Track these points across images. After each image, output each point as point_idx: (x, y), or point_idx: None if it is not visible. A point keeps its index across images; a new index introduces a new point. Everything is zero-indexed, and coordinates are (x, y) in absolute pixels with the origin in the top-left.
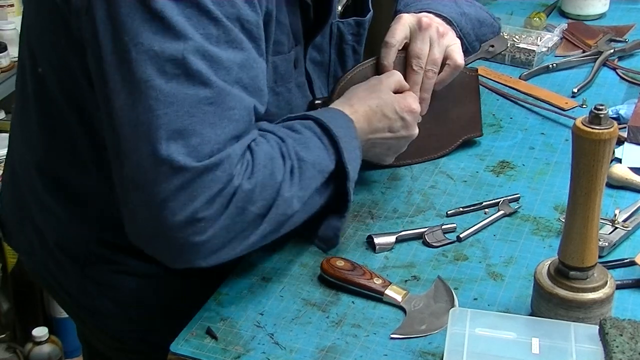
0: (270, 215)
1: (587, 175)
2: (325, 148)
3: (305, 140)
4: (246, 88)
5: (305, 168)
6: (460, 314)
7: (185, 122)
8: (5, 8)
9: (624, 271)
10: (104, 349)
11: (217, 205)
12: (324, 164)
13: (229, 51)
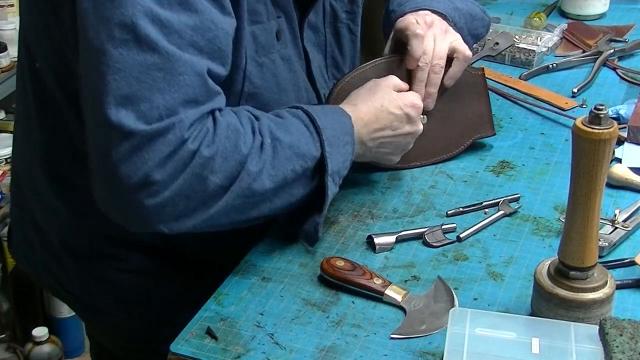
0: (234, 188)
1: (587, 175)
2: (311, 135)
3: (286, 123)
4: (201, 50)
5: (280, 147)
6: (460, 314)
7: (134, 88)
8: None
9: (624, 271)
10: (110, 346)
11: (169, 168)
12: (305, 148)
13: (181, 14)
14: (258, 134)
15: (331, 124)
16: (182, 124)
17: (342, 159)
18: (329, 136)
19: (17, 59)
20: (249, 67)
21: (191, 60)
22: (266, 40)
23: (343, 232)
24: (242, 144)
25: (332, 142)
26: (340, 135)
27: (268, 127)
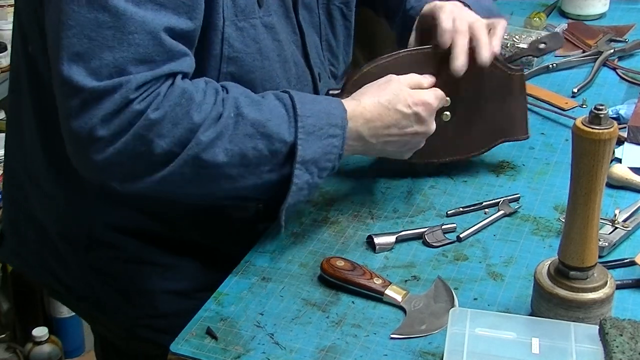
0: (183, 155)
1: (587, 175)
2: (288, 120)
3: (263, 102)
4: (163, 5)
5: (242, 123)
6: (460, 314)
7: (85, 45)
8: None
9: (624, 271)
10: (114, 338)
11: (114, 126)
12: (274, 130)
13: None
14: (219, 105)
15: (316, 113)
16: (129, 84)
17: (322, 150)
18: (308, 124)
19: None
20: (228, 29)
21: (144, 18)
22: (246, 4)
23: (343, 232)
24: (195, 112)
25: (310, 131)
26: (325, 126)
27: (235, 101)
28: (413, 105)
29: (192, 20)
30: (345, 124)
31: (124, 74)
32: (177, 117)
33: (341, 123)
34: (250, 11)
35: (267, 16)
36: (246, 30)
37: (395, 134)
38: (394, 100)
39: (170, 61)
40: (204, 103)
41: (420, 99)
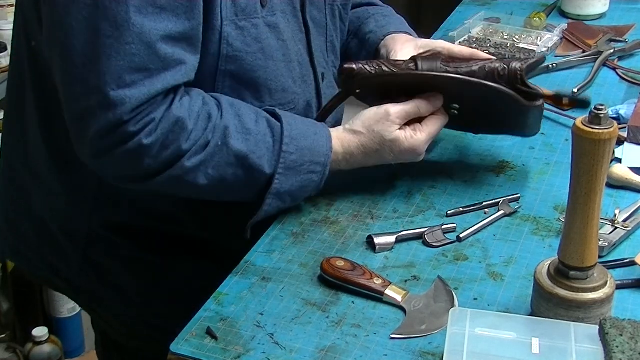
0: (167, 174)
1: (587, 175)
2: (272, 152)
3: (251, 132)
4: (163, 8)
5: (227, 153)
6: (460, 314)
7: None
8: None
9: (624, 271)
10: (115, 335)
11: (107, 141)
12: (256, 162)
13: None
14: (209, 133)
15: (301, 150)
16: (124, 106)
17: (300, 184)
18: (290, 160)
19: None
20: (227, 29)
21: (142, 29)
22: (247, 4)
23: (343, 232)
24: (184, 141)
25: (290, 167)
26: (306, 163)
27: (224, 130)
28: (399, 154)
29: (191, 21)
30: (327, 161)
31: (118, 85)
32: (167, 142)
33: (324, 161)
34: (252, 11)
35: (270, 16)
36: (247, 29)
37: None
38: (380, 150)
39: (165, 71)
40: (194, 130)
41: (407, 149)
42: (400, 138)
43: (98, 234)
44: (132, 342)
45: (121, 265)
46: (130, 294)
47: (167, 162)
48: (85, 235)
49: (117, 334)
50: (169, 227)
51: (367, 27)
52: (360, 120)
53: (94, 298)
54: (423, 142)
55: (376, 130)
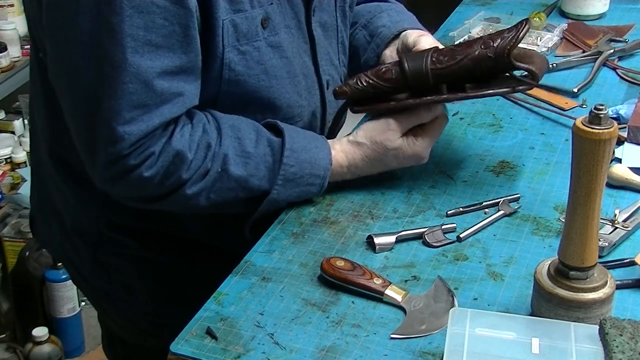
0: (168, 200)
1: (587, 175)
2: (271, 171)
3: (250, 156)
4: (158, 46)
5: (227, 179)
6: (460, 314)
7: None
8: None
9: (624, 271)
10: (121, 332)
11: (110, 173)
12: (256, 184)
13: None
14: (208, 162)
15: (301, 163)
16: (124, 142)
17: (297, 195)
18: (289, 172)
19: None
20: (229, 54)
21: (138, 69)
22: (248, 29)
23: (343, 232)
24: (184, 171)
25: (290, 178)
26: (306, 176)
27: (224, 158)
28: (403, 160)
29: (188, 54)
30: (327, 174)
31: (117, 122)
32: (168, 173)
33: (323, 174)
34: (254, 34)
35: (272, 36)
36: (249, 53)
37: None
38: (384, 159)
39: (163, 105)
40: (194, 160)
41: (411, 155)
42: (403, 146)
43: (106, 234)
44: (138, 339)
45: (129, 265)
46: (137, 293)
47: (169, 190)
48: (94, 235)
49: (122, 331)
50: (174, 231)
51: (379, 21)
52: (362, 131)
53: (103, 295)
54: (425, 147)
55: (379, 141)
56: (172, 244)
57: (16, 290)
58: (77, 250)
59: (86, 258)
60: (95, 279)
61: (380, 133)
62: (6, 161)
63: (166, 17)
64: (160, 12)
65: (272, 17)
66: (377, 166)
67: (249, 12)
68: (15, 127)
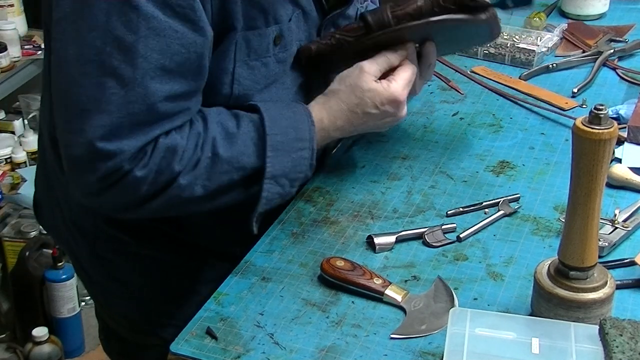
0: (164, 195)
1: (587, 175)
2: (257, 145)
3: (236, 136)
4: (171, 71)
5: (219, 162)
6: (460, 314)
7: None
8: (5, 8)
9: (624, 271)
10: (117, 327)
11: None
12: (247, 161)
13: (149, 39)
14: (199, 150)
15: (284, 130)
16: (123, 154)
17: (292, 164)
18: (276, 141)
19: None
20: (239, 69)
21: (146, 90)
22: (259, 45)
23: (343, 232)
24: (176, 163)
25: (278, 147)
26: (293, 142)
27: (212, 142)
28: (380, 105)
29: (197, 81)
30: (312, 136)
31: (117, 137)
32: (161, 168)
33: (308, 136)
34: (264, 50)
35: (282, 52)
36: (257, 68)
37: (366, 128)
38: (361, 103)
39: (163, 122)
40: (185, 151)
41: (388, 98)
42: (378, 88)
43: (104, 229)
44: (133, 336)
45: (126, 261)
46: (134, 289)
47: (163, 184)
48: (92, 229)
49: (118, 326)
50: (172, 229)
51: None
52: (337, 80)
53: (101, 290)
54: (400, 88)
55: (353, 84)
56: (170, 242)
57: (16, 290)
58: (76, 242)
59: (84, 250)
60: (93, 272)
61: (354, 77)
62: (6, 161)
63: (183, 43)
64: (177, 38)
65: (285, 35)
66: (357, 114)
67: (262, 30)
68: (15, 127)
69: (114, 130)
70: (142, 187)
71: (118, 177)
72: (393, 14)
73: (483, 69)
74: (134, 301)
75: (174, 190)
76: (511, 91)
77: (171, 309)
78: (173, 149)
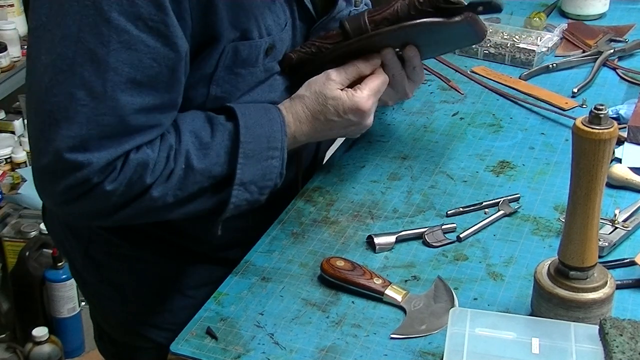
0: (135, 205)
1: (587, 175)
2: (232, 151)
3: (210, 146)
4: (141, 84)
5: (191, 174)
6: (460, 314)
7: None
8: (5, 8)
9: (624, 271)
10: (110, 330)
11: (73, 194)
12: (218, 170)
13: (120, 52)
14: (171, 162)
15: (257, 138)
16: (91, 166)
17: (261, 172)
18: (248, 149)
19: None
20: (220, 73)
21: (117, 103)
22: (249, 56)
23: (343, 232)
24: (148, 176)
25: (249, 155)
26: (265, 150)
27: (185, 154)
28: (343, 114)
29: (170, 93)
30: (284, 145)
31: (86, 149)
32: (132, 181)
33: (280, 145)
34: (253, 61)
35: (272, 62)
36: (242, 76)
37: (333, 134)
38: (324, 110)
39: (135, 135)
40: (157, 163)
41: (351, 107)
42: (342, 96)
43: (97, 232)
44: (126, 338)
45: (118, 264)
46: (126, 292)
47: (135, 196)
48: (85, 231)
49: (111, 329)
50: (164, 233)
51: None
52: (304, 86)
53: (94, 292)
54: (365, 98)
55: (318, 91)
56: (163, 245)
57: (16, 290)
58: (70, 244)
59: (78, 253)
60: (86, 274)
61: (320, 83)
62: (6, 161)
63: (155, 58)
64: (148, 52)
65: (277, 45)
66: (319, 120)
67: (255, 41)
68: (15, 127)
69: (83, 141)
70: (112, 199)
71: (86, 189)
72: (370, 19)
73: (483, 69)
74: (126, 304)
75: (144, 202)
76: (511, 91)
77: (163, 312)
78: (144, 164)
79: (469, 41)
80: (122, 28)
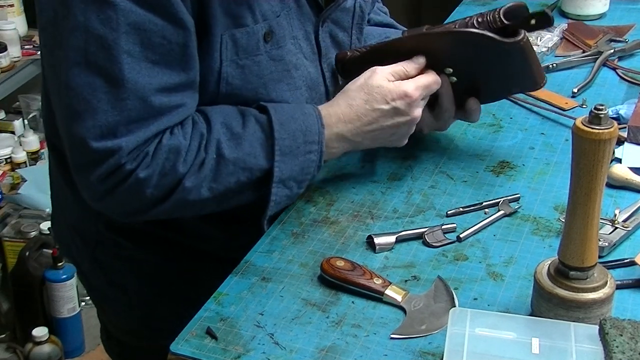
0: (171, 199)
1: (587, 175)
2: (264, 147)
3: (242, 136)
4: (156, 62)
5: (224, 164)
6: (460, 314)
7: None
8: (5, 8)
9: (624, 271)
10: (116, 332)
11: (108, 184)
12: (254, 162)
13: (130, 34)
14: (202, 151)
15: (292, 134)
16: (121, 151)
17: (300, 167)
18: (284, 145)
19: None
20: (227, 69)
21: (136, 85)
22: (248, 43)
23: (343, 232)
24: (180, 164)
25: (286, 152)
26: (301, 145)
27: (217, 143)
28: (391, 101)
29: (187, 71)
30: (322, 138)
31: (115, 135)
32: (164, 170)
33: (318, 138)
34: (254, 48)
35: (275, 49)
36: (248, 67)
37: (378, 129)
38: (370, 99)
39: (161, 117)
40: (189, 152)
41: (398, 93)
42: (388, 85)
43: (105, 234)
44: (133, 341)
45: (126, 266)
46: (132, 294)
47: (169, 187)
48: (93, 234)
49: (118, 331)
50: (172, 234)
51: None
52: (348, 85)
53: (101, 295)
54: (412, 87)
55: (362, 83)
56: (170, 247)
57: (16, 290)
58: (77, 247)
59: (85, 255)
60: (93, 276)
61: (365, 77)
62: (6, 161)
63: (164, 35)
64: (157, 31)
65: (276, 31)
66: (366, 113)
67: (250, 27)
68: (15, 127)
69: (110, 128)
70: (147, 190)
71: (120, 177)
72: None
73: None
74: (134, 306)
75: (179, 194)
76: None
77: (170, 314)
78: (176, 150)
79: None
80: (128, 9)
